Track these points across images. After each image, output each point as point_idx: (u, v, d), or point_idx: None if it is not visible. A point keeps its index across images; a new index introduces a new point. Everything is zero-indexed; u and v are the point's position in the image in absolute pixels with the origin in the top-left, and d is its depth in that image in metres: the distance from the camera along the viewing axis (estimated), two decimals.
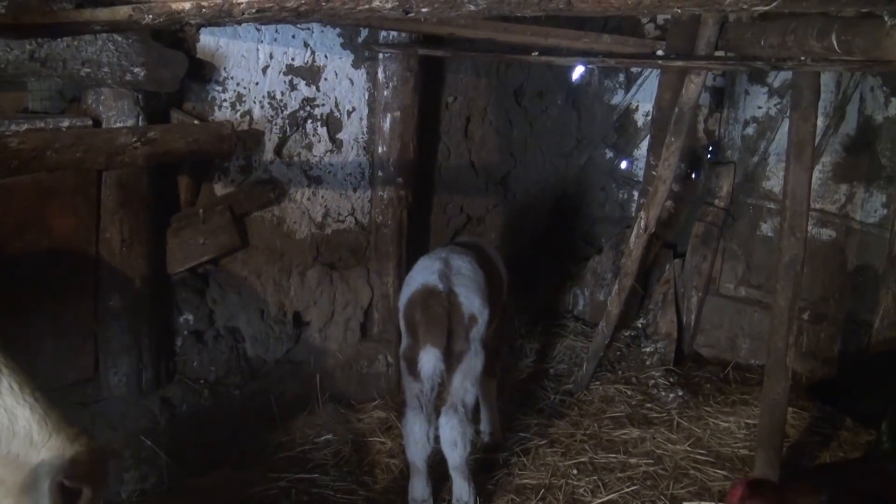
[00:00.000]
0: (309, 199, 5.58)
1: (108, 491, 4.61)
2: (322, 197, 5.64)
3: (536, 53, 4.78)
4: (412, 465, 4.60)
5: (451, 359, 4.36)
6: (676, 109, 4.58)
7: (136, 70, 4.49)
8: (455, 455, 4.44)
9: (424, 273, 4.52)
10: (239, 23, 2.38)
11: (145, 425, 4.98)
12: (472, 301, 4.42)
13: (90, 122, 4.55)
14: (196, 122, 4.92)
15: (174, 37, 4.81)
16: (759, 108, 6.18)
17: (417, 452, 4.48)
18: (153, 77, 4.57)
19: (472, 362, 4.45)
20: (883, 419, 3.83)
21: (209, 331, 5.33)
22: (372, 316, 5.95)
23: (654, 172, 5.03)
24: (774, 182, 6.17)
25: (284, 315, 5.57)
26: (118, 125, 4.58)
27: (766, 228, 6.25)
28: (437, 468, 4.65)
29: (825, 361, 5.79)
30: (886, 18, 2.54)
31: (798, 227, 4.07)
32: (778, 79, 6.03)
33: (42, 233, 4.52)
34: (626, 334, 6.33)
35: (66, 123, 4.47)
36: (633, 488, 4.75)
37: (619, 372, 6.06)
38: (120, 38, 4.40)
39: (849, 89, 5.75)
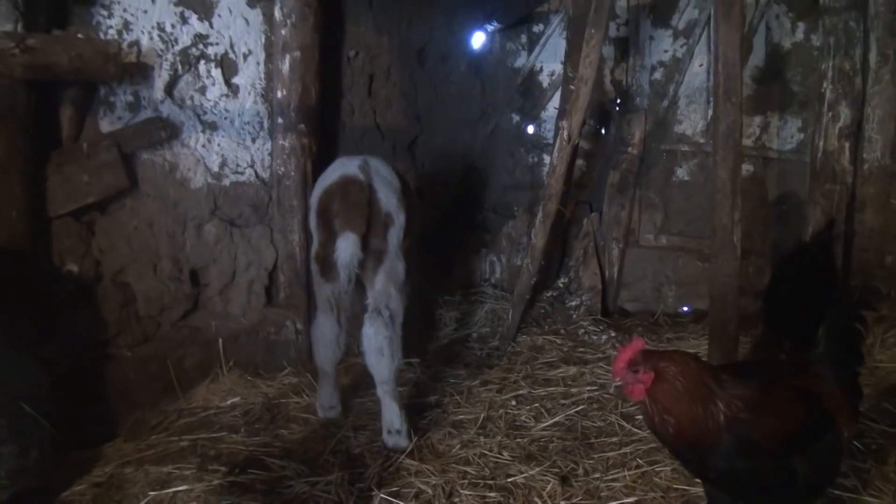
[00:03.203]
0: (204, 145, 5.12)
1: None
2: (218, 145, 5.18)
3: None
4: (320, 371, 4.46)
5: (369, 257, 4.10)
6: None
7: None
8: (382, 366, 4.10)
9: (343, 167, 4.29)
10: None
11: (24, 390, 4.31)
12: (389, 199, 4.19)
13: None
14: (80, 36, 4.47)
15: None
16: (665, 51, 6.16)
17: (327, 356, 4.35)
18: None
19: (394, 265, 4.21)
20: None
21: (96, 285, 4.73)
22: (277, 280, 5.45)
23: (571, 87, 4.82)
24: (687, 125, 6.12)
25: (180, 272, 5.01)
26: None
27: (681, 173, 6.15)
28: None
29: (756, 296, 5.61)
30: None
31: (733, 92, 3.92)
32: (682, 20, 6.04)
33: None
34: (549, 294, 6.04)
35: None
36: (579, 408, 4.38)
37: (546, 326, 5.75)
38: None
39: (754, 21, 5.78)
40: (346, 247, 3.96)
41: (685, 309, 6.03)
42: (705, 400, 2.76)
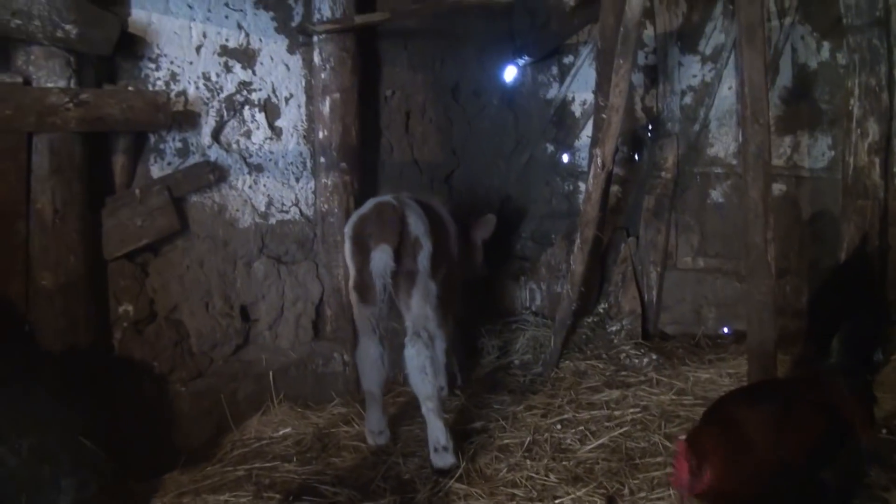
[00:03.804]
0: (250, 186, 5.34)
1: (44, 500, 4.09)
2: (264, 185, 5.40)
3: None
4: (368, 394, 4.63)
5: (403, 278, 4.39)
6: (622, 29, 4.53)
7: (67, 27, 4.28)
8: (425, 384, 4.30)
9: (376, 199, 4.65)
10: None
11: (83, 424, 4.50)
12: (417, 225, 4.47)
13: (20, 80, 4.29)
14: (131, 88, 4.72)
15: (105, 6, 4.65)
16: (694, 76, 6.27)
17: (372, 377, 4.54)
18: (85, 36, 4.36)
19: (427, 285, 4.48)
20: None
21: (151, 324, 4.93)
22: (324, 313, 5.63)
23: (602, 116, 4.95)
24: (719, 148, 6.21)
25: (231, 308, 5.20)
26: (49, 85, 4.35)
27: (715, 195, 6.22)
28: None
29: (794, 315, 5.65)
30: None
31: (760, 113, 4.02)
32: (709, 45, 6.16)
33: None
34: (589, 320, 6.10)
35: None
36: (623, 430, 4.46)
37: (588, 351, 5.82)
38: None
39: (779, 43, 5.88)
40: (380, 257, 4.23)
41: (726, 330, 6.07)
42: (748, 446, 2.90)
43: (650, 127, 6.36)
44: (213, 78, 5.16)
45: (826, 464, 2.95)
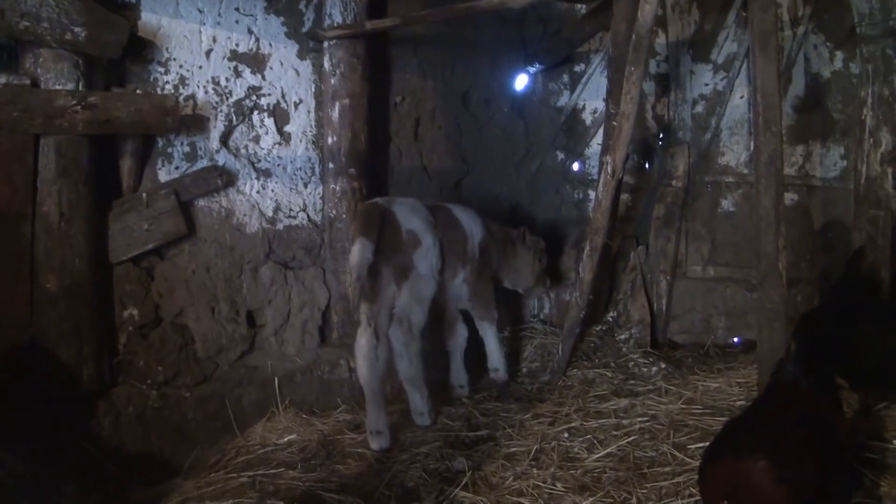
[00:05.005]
0: (258, 191, 5.33)
1: None
2: (272, 191, 5.40)
3: None
4: (367, 391, 4.70)
5: (395, 272, 4.67)
6: (634, 36, 4.49)
7: (76, 30, 4.30)
8: (402, 365, 4.76)
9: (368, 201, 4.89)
10: None
11: (87, 430, 4.49)
12: (409, 220, 4.74)
13: (28, 82, 4.30)
14: (139, 92, 4.72)
15: (115, 9, 4.66)
16: (706, 84, 6.24)
17: (364, 367, 4.66)
18: (95, 39, 4.38)
19: (418, 284, 4.76)
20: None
21: (156, 328, 4.91)
22: (330, 320, 5.61)
23: (613, 123, 4.91)
24: (730, 157, 6.17)
25: (237, 314, 5.18)
26: (58, 88, 4.35)
27: (726, 204, 6.18)
28: None
29: None
30: None
31: (772, 121, 3.98)
32: (722, 54, 6.13)
33: None
34: (598, 329, 6.04)
35: (2, 80, 4.23)
36: (631, 438, 4.40)
37: (596, 360, 5.74)
38: None
39: (792, 52, 5.85)
40: (357, 249, 4.48)
41: (736, 340, 6.01)
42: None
43: (661, 135, 6.33)
44: (223, 82, 5.17)
45: (830, 474, 2.96)
